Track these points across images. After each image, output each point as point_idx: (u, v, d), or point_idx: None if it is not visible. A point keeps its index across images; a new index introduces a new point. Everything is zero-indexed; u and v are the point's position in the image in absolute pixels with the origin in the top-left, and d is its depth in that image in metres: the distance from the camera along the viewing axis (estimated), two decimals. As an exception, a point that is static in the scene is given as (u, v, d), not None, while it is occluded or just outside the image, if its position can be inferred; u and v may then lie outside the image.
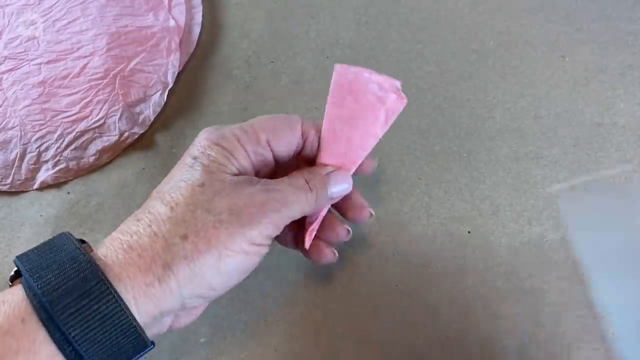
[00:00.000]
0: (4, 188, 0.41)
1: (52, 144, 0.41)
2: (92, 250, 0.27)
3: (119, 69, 0.43)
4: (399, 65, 0.44)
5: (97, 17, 0.45)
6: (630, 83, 0.41)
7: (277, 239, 0.32)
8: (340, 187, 0.30)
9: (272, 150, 0.30)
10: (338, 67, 0.28)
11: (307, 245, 0.31)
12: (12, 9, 0.46)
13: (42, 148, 0.41)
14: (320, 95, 0.43)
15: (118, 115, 0.41)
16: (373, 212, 0.32)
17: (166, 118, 0.43)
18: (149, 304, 0.25)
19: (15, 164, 0.41)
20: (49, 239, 0.27)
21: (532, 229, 0.36)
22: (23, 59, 0.43)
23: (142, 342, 0.25)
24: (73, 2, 0.46)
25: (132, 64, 0.43)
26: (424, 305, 0.34)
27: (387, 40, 0.45)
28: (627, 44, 0.43)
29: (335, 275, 0.36)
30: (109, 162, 0.41)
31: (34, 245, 0.38)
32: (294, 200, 0.28)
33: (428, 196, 0.38)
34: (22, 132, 0.41)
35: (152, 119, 0.42)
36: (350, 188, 0.31)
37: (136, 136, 0.42)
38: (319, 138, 0.30)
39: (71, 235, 0.27)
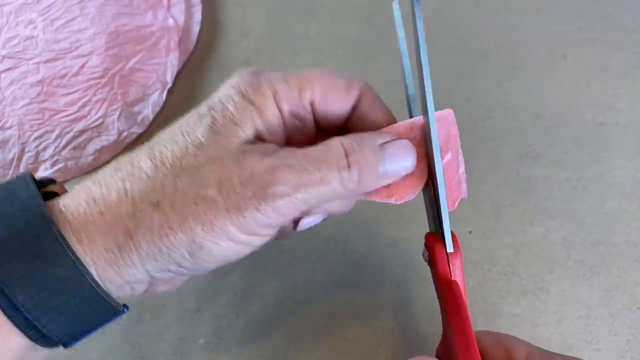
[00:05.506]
0: (2, 188, 0.40)
1: (51, 143, 0.40)
2: (60, 193, 0.23)
3: (117, 68, 0.42)
4: (400, 64, 0.43)
5: (95, 16, 0.44)
6: (632, 83, 0.41)
7: None
8: (398, 163, 0.22)
9: (314, 114, 0.24)
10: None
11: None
12: (11, 8, 0.46)
13: (41, 147, 0.40)
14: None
15: (117, 115, 0.41)
16: None
17: (165, 117, 0.43)
18: (110, 271, 0.21)
19: (14, 164, 0.40)
20: (7, 181, 0.22)
21: (533, 229, 0.36)
22: (21, 58, 0.43)
23: (111, 308, 0.21)
24: (71, 1, 0.45)
25: (130, 63, 0.43)
26: (424, 304, 0.34)
27: (387, 40, 0.45)
28: (629, 44, 0.42)
29: (335, 274, 0.36)
30: (108, 162, 0.41)
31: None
32: (316, 180, 0.21)
33: (428, 196, 0.38)
34: (20, 132, 0.41)
35: (151, 119, 0.42)
36: (412, 168, 0.23)
37: (135, 136, 0.41)
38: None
39: (31, 177, 0.22)
